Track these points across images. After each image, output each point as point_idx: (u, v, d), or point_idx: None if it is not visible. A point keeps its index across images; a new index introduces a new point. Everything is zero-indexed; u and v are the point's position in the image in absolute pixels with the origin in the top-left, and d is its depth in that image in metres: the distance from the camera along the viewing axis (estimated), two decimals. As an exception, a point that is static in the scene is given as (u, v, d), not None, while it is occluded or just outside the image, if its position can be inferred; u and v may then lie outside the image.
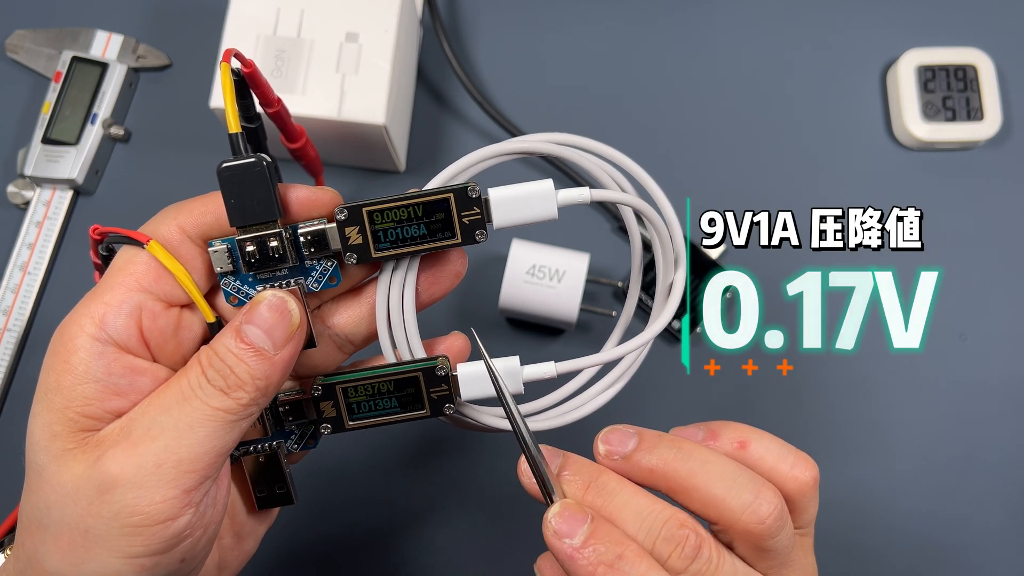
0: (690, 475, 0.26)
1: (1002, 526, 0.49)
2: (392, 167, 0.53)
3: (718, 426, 0.28)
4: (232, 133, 0.27)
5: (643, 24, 0.56)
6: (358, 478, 0.50)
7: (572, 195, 0.28)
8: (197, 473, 0.24)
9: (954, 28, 0.55)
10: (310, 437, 0.30)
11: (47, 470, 0.24)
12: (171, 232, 0.27)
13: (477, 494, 0.49)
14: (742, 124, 0.54)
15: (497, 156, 0.29)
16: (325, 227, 0.27)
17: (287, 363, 0.26)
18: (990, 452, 0.49)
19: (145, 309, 0.26)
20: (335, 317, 0.30)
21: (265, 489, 0.30)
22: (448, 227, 0.27)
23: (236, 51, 0.27)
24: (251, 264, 0.27)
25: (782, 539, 0.26)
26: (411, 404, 0.29)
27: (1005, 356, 0.51)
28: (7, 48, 0.55)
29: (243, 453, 0.30)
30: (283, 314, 0.26)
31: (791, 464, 0.27)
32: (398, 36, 0.47)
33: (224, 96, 0.27)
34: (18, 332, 0.51)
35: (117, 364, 0.25)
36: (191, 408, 0.24)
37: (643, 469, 0.26)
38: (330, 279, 0.28)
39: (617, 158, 0.29)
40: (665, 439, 0.27)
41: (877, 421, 0.50)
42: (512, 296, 0.47)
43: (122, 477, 0.23)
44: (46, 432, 0.25)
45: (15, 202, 0.53)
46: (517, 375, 0.29)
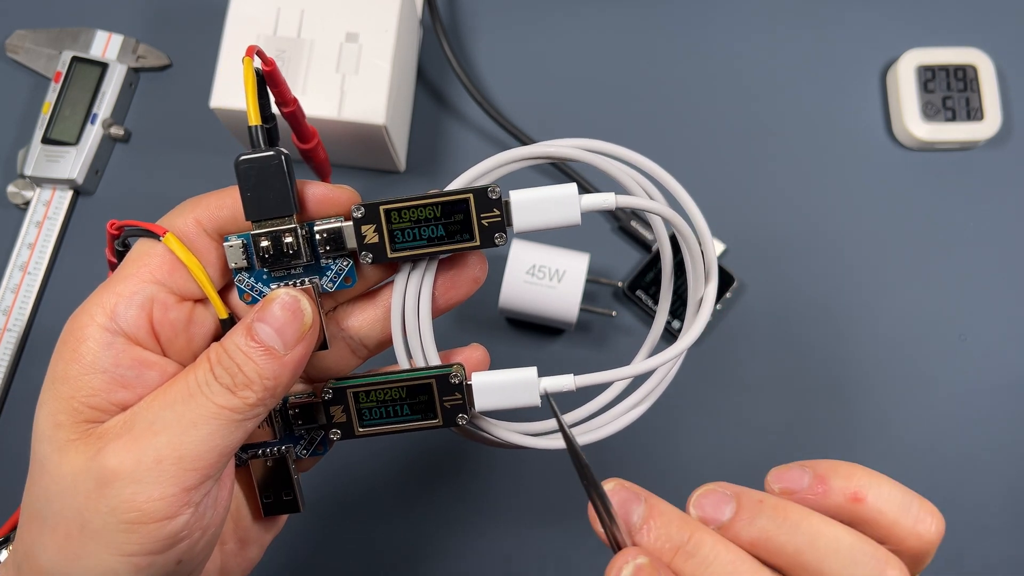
0: (798, 552, 0.22)
1: (1002, 526, 0.49)
2: (392, 167, 0.53)
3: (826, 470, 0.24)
4: (251, 125, 0.26)
5: (643, 24, 0.56)
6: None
7: (596, 201, 0.27)
8: (198, 472, 0.24)
9: (954, 28, 0.55)
10: (320, 443, 0.30)
11: (49, 460, 0.24)
12: (187, 225, 0.26)
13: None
14: (742, 124, 0.54)
15: (523, 160, 0.28)
16: (341, 225, 0.27)
17: (298, 364, 0.25)
18: (990, 452, 0.49)
19: (157, 301, 0.25)
20: (350, 319, 0.29)
21: (272, 495, 0.30)
22: (467, 229, 0.27)
23: (258, 48, 0.27)
24: (265, 260, 0.26)
25: None
26: (423, 412, 0.28)
27: (1005, 356, 0.51)
28: (7, 48, 0.55)
29: (251, 457, 0.29)
30: (295, 313, 0.25)
31: (915, 519, 0.23)
32: (398, 36, 0.47)
33: (246, 88, 0.27)
34: (18, 332, 0.51)
35: (125, 356, 0.25)
36: (196, 405, 0.24)
37: (743, 541, 0.23)
38: (345, 279, 0.28)
39: (650, 167, 0.28)
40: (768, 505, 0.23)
41: (876, 421, 0.50)
42: (512, 296, 0.47)
43: (121, 471, 0.23)
44: (50, 421, 0.24)
45: (15, 202, 0.53)
46: (533, 387, 0.28)
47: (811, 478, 0.24)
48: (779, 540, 0.22)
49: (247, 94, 0.27)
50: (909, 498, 0.24)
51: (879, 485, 0.24)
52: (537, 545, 0.48)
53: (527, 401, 0.28)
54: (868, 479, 0.24)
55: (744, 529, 0.23)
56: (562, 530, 0.48)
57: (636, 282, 0.51)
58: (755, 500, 0.23)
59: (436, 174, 0.54)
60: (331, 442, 0.29)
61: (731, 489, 0.23)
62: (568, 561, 0.48)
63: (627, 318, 0.51)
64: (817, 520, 0.23)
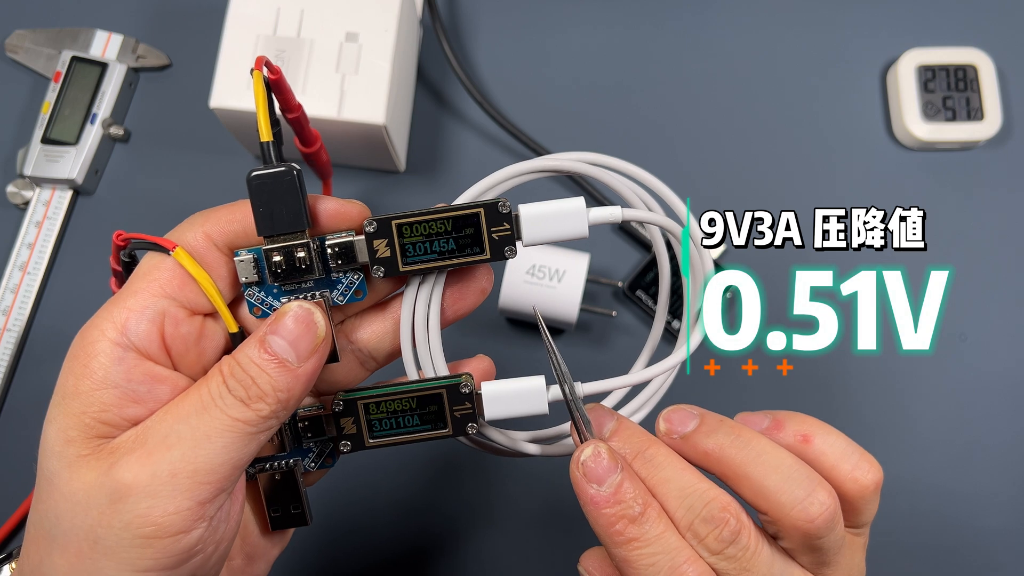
0: (744, 464, 0.25)
1: (1004, 526, 0.49)
2: (392, 167, 0.53)
3: (784, 417, 0.28)
4: (264, 141, 0.26)
5: (643, 25, 0.56)
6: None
7: (604, 214, 0.27)
8: (212, 485, 0.24)
9: (954, 28, 0.55)
10: (328, 455, 0.30)
11: (59, 477, 0.24)
12: (197, 239, 0.26)
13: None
14: (742, 124, 0.54)
15: (528, 173, 0.28)
16: (353, 239, 0.27)
17: (310, 376, 0.25)
18: (990, 452, 0.49)
19: (168, 316, 0.25)
20: (359, 332, 0.29)
21: (280, 508, 0.29)
22: (477, 242, 0.27)
23: (266, 59, 0.27)
24: (277, 275, 0.26)
25: (830, 539, 0.25)
26: (433, 422, 0.28)
27: (1005, 356, 0.51)
28: (7, 48, 0.55)
29: (259, 470, 0.29)
30: (309, 326, 0.25)
31: (854, 464, 0.26)
32: (398, 36, 0.47)
33: (257, 105, 0.27)
34: (18, 332, 0.51)
35: (137, 371, 0.25)
36: (210, 418, 0.24)
37: (699, 451, 0.26)
38: (356, 292, 0.28)
39: (651, 182, 0.28)
40: (726, 424, 0.26)
41: (877, 421, 0.50)
42: (512, 296, 0.47)
43: (135, 485, 0.23)
44: (60, 437, 0.24)
45: (15, 202, 0.53)
46: (541, 395, 0.28)
47: (770, 422, 0.27)
48: (729, 453, 0.25)
49: (258, 110, 0.27)
50: (851, 448, 0.27)
51: (827, 433, 0.27)
52: (546, 553, 0.48)
53: (535, 409, 0.28)
54: (818, 427, 0.27)
55: (702, 441, 0.26)
56: (571, 538, 0.48)
57: (636, 282, 0.51)
58: (716, 419, 0.26)
59: (436, 174, 0.54)
60: (339, 454, 0.29)
61: (697, 410, 0.27)
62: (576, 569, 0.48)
63: (627, 318, 0.51)
64: (766, 442, 0.26)
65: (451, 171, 0.53)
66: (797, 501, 0.24)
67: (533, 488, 0.49)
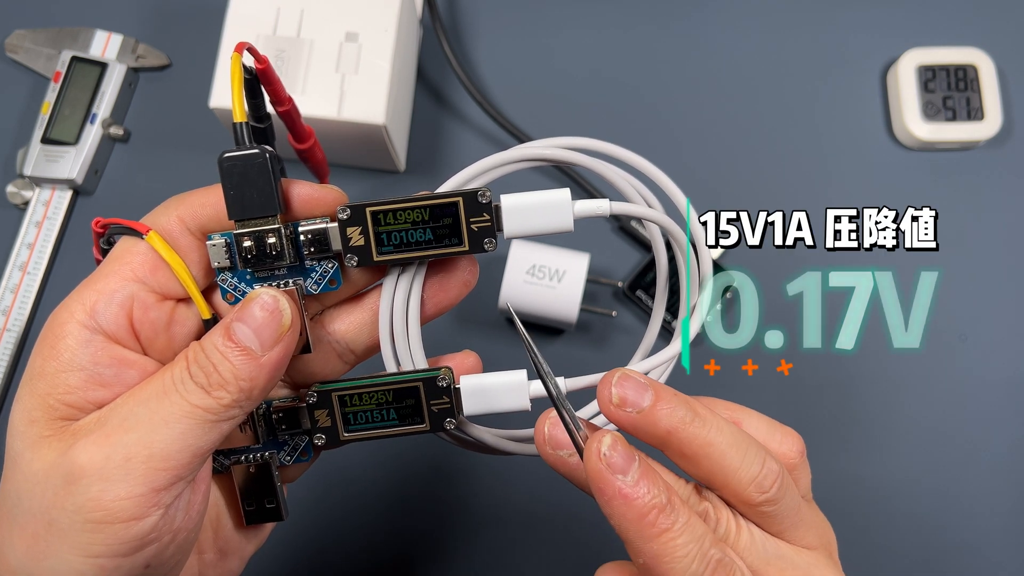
0: (705, 443, 0.25)
1: (1002, 526, 0.48)
2: (392, 167, 0.53)
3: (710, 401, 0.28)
4: (236, 122, 0.26)
5: (643, 25, 0.56)
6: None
7: (590, 207, 0.27)
8: (168, 472, 0.23)
9: (954, 28, 0.55)
10: (303, 450, 0.29)
11: (21, 457, 0.24)
12: (171, 223, 0.26)
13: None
14: (742, 124, 0.54)
15: (513, 162, 0.27)
16: (327, 226, 0.26)
17: (275, 366, 0.25)
18: (990, 452, 0.49)
19: (137, 300, 0.25)
20: (336, 323, 0.29)
21: (254, 503, 0.29)
22: (455, 233, 0.26)
23: (250, 45, 0.27)
24: (247, 260, 0.26)
25: (783, 506, 0.25)
26: (410, 417, 0.27)
27: (1005, 356, 0.51)
28: (7, 48, 0.55)
29: (233, 463, 0.28)
30: (274, 314, 0.25)
31: (779, 441, 0.27)
32: (398, 36, 0.47)
33: (232, 84, 0.26)
34: (17, 332, 0.51)
35: (104, 354, 0.24)
36: (169, 403, 0.23)
37: (660, 429, 0.25)
38: (330, 281, 0.27)
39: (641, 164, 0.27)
40: (681, 399, 0.25)
41: (877, 421, 0.50)
42: (512, 296, 0.47)
43: (89, 468, 0.22)
44: (25, 418, 0.24)
45: (15, 202, 0.53)
46: (523, 390, 0.27)
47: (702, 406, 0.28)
48: (691, 430, 0.25)
49: (233, 90, 0.26)
50: (774, 427, 0.28)
51: (751, 417, 0.28)
52: (526, 551, 0.48)
53: (517, 405, 0.27)
54: (744, 413, 0.28)
55: (664, 418, 0.25)
56: (551, 536, 0.48)
57: (636, 282, 0.50)
58: (671, 393, 0.25)
59: (436, 174, 0.54)
60: (316, 449, 0.29)
61: (644, 378, 0.26)
62: (559, 565, 0.48)
63: (627, 318, 0.51)
64: (719, 419, 0.26)
65: (451, 171, 0.52)
66: (754, 476, 0.25)
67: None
